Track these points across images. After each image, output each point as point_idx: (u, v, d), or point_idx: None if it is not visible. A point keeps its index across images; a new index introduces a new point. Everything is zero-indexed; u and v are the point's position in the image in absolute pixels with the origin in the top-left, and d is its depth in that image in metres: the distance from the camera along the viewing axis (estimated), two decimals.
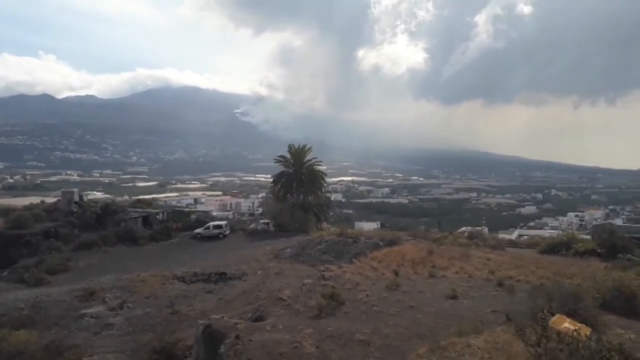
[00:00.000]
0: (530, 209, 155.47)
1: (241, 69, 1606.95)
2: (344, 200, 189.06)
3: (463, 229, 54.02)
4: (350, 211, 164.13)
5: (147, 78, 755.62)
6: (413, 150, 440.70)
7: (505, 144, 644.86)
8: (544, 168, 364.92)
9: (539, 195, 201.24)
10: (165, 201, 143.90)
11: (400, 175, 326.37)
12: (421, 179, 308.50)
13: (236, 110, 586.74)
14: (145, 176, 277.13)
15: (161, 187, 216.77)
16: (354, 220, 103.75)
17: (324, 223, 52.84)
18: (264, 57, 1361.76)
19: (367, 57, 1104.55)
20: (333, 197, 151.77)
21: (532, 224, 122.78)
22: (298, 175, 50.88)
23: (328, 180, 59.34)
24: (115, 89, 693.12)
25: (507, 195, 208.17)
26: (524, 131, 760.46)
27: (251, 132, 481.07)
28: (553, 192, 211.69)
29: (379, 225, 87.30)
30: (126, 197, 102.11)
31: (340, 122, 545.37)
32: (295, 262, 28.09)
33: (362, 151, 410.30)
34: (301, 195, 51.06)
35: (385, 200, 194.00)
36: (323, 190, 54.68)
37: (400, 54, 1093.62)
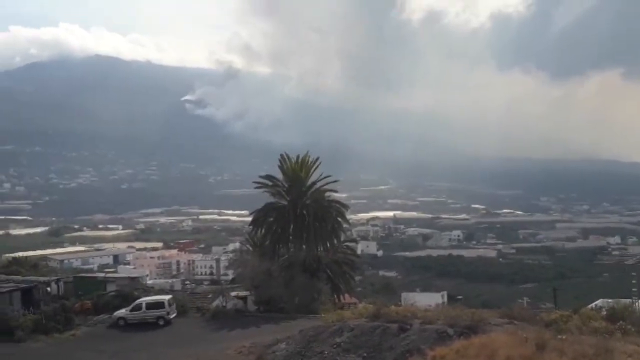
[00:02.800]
0: None
1: (195, 24, 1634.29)
2: (380, 253, 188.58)
3: (599, 302, 53.34)
4: (393, 273, 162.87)
5: (30, 43, 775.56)
6: (502, 161, 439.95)
7: None
8: None
9: None
10: (62, 261, 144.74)
11: (482, 207, 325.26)
12: (519, 213, 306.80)
13: (186, 97, 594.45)
14: (26, 217, 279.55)
15: (55, 237, 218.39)
16: (400, 290, 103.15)
17: (347, 296, 52.56)
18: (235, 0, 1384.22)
19: None
20: (361, 248, 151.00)
21: None
22: (297, 211, 51.03)
23: (352, 218, 59.34)
24: None
25: None
26: None
27: (212, 134, 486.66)
28: None
29: (444, 299, 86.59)
30: None
31: (371, 113, 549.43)
32: None
33: (412, 165, 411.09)
34: (303, 247, 51.07)
35: (456, 251, 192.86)
36: (343, 236, 54.63)
37: None
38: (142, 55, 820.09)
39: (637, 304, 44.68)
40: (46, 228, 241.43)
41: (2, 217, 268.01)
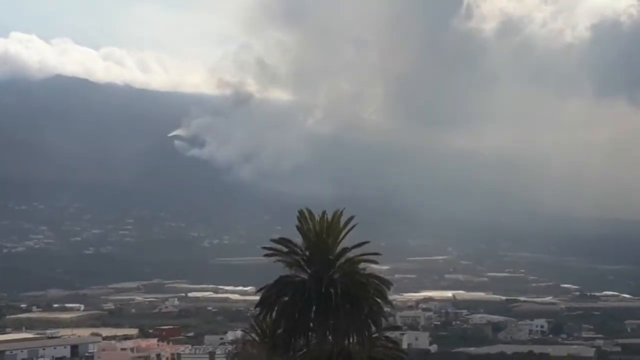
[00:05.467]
0: None
1: (192, 37, 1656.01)
2: (434, 348, 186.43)
3: None
4: None
5: None
6: (605, 225, 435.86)
7: None
8: None
9: None
10: (2, 352, 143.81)
11: (575, 287, 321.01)
12: (626, 296, 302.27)
13: (176, 132, 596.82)
14: None
15: None
16: None
17: None
18: (245, 2, 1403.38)
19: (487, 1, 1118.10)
20: (408, 341, 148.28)
21: None
22: (322, 289, 50.58)
23: (396, 299, 58.89)
24: None
25: None
26: None
27: (210, 181, 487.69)
28: None
29: None
30: None
31: (425, 156, 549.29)
32: None
33: (481, 228, 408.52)
34: (329, 337, 50.60)
35: (539, 348, 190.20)
36: (383, 324, 54.07)
37: None
38: (120, 77, 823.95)
39: None
40: None
41: None
